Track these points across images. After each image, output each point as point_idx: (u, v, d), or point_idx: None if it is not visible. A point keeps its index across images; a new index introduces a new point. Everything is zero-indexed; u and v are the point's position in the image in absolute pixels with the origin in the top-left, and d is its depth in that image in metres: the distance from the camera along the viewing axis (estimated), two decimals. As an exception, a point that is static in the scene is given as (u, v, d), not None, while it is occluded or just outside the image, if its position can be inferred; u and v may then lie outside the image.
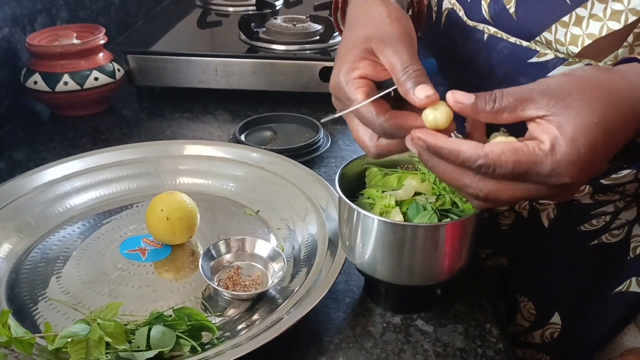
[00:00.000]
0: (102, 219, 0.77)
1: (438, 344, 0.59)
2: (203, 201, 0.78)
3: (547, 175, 0.44)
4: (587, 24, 0.55)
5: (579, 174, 0.44)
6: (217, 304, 0.64)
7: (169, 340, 0.54)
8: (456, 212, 0.59)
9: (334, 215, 0.70)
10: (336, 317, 0.62)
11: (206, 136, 1.01)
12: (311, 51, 1.11)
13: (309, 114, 1.05)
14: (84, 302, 0.63)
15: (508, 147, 0.44)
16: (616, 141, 0.46)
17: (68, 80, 1.01)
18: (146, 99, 1.14)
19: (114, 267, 0.69)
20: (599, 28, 0.55)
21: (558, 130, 0.44)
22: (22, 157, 0.93)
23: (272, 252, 0.68)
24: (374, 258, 0.58)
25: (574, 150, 0.44)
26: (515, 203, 0.45)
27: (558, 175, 0.44)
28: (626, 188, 0.67)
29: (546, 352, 0.76)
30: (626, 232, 0.70)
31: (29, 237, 0.72)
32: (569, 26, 0.56)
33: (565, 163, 0.44)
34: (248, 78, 1.08)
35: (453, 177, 0.47)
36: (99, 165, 0.82)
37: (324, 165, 0.91)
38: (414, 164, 0.65)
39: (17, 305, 0.63)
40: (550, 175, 0.44)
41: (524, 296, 0.77)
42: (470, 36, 0.64)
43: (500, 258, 0.80)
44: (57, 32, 1.06)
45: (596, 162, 0.45)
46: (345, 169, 0.63)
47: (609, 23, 0.54)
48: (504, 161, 0.44)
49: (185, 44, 1.19)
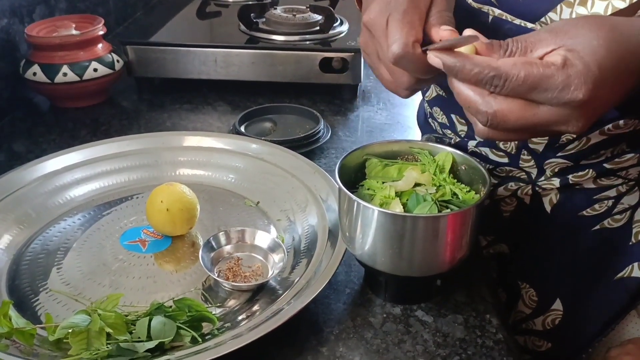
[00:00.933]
0: (102, 210, 0.77)
1: (438, 335, 0.59)
2: (203, 192, 0.78)
3: (557, 89, 0.45)
4: (592, 4, 0.55)
5: (591, 90, 0.44)
6: (217, 295, 0.64)
7: (169, 330, 0.55)
8: (456, 203, 0.59)
9: (334, 207, 0.70)
10: (336, 307, 0.62)
11: (206, 127, 1.00)
12: (311, 42, 1.11)
13: (309, 105, 1.04)
14: (85, 293, 0.63)
15: (520, 60, 0.45)
16: (625, 66, 0.46)
17: (67, 72, 1.00)
18: (146, 90, 1.14)
19: (115, 258, 0.69)
20: (604, 7, 0.55)
21: (568, 52, 0.45)
22: (22, 149, 0.93)
23: (272, 243, 0.68)
24: (374, 249, 0.58)
25: (584, 65, 0.44)
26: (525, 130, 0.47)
27: (569, 88, 0.44)
28: (629, 172, 0.67)
29: (547, 339, 0.77)
30: (628, 217, 0.70)
31: (30, 228, 0.72)
32: (574, 6, 0.56)
33: (575, 75, 0.44)
34: (248, 69, 1.08)
35: (465, 93, 0.48)
36: (98, 156, 0.82)
37: (324, 157, 0.91)
38: (414, 155, 0.65)
39: (18, 296, 0.63)
40: (562, 88, 0.44)
41: (526, 283, 0.77)
42: (475, 18, 0.64)
43: (501, 245, 0.80)
44: (55, 23, 1.05)
45: (607, 82, 0.45)
46: (345, 160, 0.63)
47: (614, 2, 0.54)
48: (515, 72, 0.45)
49: (184, 35, 1.18)
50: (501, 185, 0.74)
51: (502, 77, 0.45)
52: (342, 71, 1.06)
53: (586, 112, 0.46)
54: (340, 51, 1.06)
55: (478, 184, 0.61)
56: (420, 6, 0.52)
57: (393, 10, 0.52)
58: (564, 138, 0.65)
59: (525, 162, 0.70)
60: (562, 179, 0.69)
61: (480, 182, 0.60)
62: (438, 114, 0.78)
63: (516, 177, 0.73)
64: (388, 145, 0.66)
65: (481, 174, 0.60)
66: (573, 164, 0.68)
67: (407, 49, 0.50)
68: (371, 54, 0.56)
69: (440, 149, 0.64)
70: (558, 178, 0.69)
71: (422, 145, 0.65)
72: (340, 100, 1.10)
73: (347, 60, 1.05)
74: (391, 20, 0.52)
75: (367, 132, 1.00)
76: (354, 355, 0.57)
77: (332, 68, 1.06)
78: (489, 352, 0.57)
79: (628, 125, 0.63)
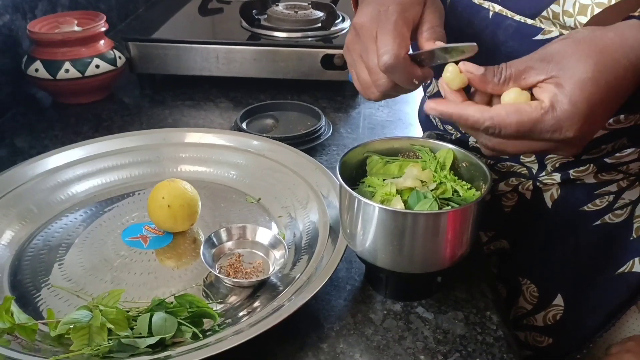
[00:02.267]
0: (104, 206, 0.77)
1: (438, 331, 0.59)
2: (204, 189, 0.78)
3: (549, 132, 0.48)
4: None
5: (581, 127, 0.47)
6: (218, 291, 0.64)
7: (170, 326, 0.55)
8: (457, 200, 0.59)
9: (335, 203, 0.70)
10: (337, 304, 0.63)
11: (207, 124, 1.01)
12: (313, 38, 1.10)
13: (311, 101, 1.04)
14: (86, 289, 0.64)
15: (512, 108, 0.48)
16: (615, 93, 0.48)
17: (69, 68, 1.00)
18: (147, 86, 1.14)
19: (116, 254, 0.69)
20: None
21: (557, 89, 0.47)
22: (24, 145, 0.93)
23: (273, 239, 0.68)
24: (375, 246, 0.58)
25: (572, 105, 0.47)
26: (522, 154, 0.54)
27: (560, 131, 0.48)
28: (630, 167, 0.68)
29: (548, 334, 0.77)
30: (629, 212, 0.70)
31: (31, 224, 0.73)
32: None
33: (565, 118, 0.47)
34: (249, 65, 1.08)
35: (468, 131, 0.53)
36: (100, 152, 0.82)
37: (326, 153, 0.91)
38: (415, 152, 0.65)
39: (20, 292, 0.63)
40: (552, 131, 0.48)
41: (527, 278, 0.77)
42: (476, 14, 0.64)
43: (502, 241, 0.80)
44: (57, 19, 1.06)
45: (596, 115, 0.48)
46: (347, 157, 0.63)
47: None
48: (507, 122, 0.48)
49: (186, 31, 1.18)
50: (502, 180, 0.74)
51: (496, 127, 0.49)
52: (344, 68, 1.06)
53: (579, 141, 0.49)
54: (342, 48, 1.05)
55: (479, 180, 0.61)
56: (409, 19, 0.56)
57: (384, 20, 0.55)
58: None
59: (526, 158, 0.70)
60: (563, 174, 0.69)
61: (481, 178, 0.60)
62: (439, 110, 0.78)
63: (517, 173, 0.73)
64: (389, 142, 0.66)
65: (482, 171, 0.60)
66: (574, 159, 0.68)
67: (399, 60, 0.54)
68: (354, 51, 0.60)
69: (441, 146, 0.64)
70: (559, 173, 0.69)
71: (423, 142, 0.65)
72: (341, 97, 1.10)
73: (348, 57, 1.05)
74: (382, 30, 0.55)
75: (369, 129, 1.00)
76: (355, 352, 0.57)
77: (334, 65, 1.06)
78: (489, 348, 0.57)
79: (629, 120, 0.63)
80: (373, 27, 0.56)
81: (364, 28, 0.57)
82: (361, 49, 0.58)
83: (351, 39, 0.60)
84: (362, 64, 0.59)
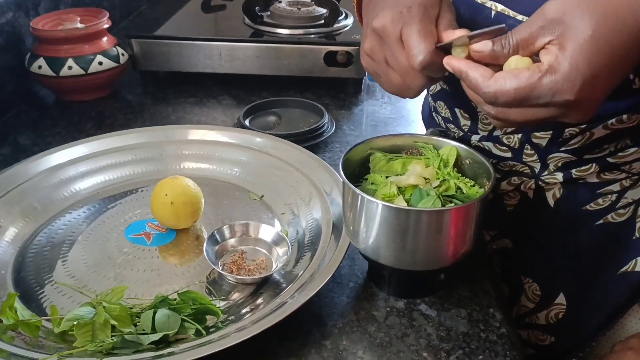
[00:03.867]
0: (107, 203, 0.77)
1: (441, 329, 0.59)
2: (207, 186, 0.79)
3: (548, 95, 0.47)
4: None
5: (581, 89, 0.46)
6: (221, 288, 0.64)
7: (173, 323, 0.55)
8: (460, 198, 0.59)
9: (338, 200, 0.70)
10: (340, 301, 0.63)
11: (210, 121, 1.01)
12: (316, 35, 1.10)
13: (314, 98, 1.04)
14: (90, 286, 0.64)
15: (509, 74, 0.48)
16: (620, 56, 0.46)
17: (72, 65, 1.00)
18: (150, 83, 1.14)
19: (119, 251, 0.69)
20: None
21: (559, 51, 0.46)
22: (27, 142, 0.93)
23: (276, 236, 0.68)
24: (378, 243, 0.58)
25: (571, 67, 0.46)
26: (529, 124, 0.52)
27: (559, 93, 0.46)
28: (632, 166, 0.67)
29: (551, 333, 0.77)
30: (632, 212, 0.70)
31: (35, 221, 0.73)
32: None
33: (563, 80, 0.46)
34: (252, 62, 1.08)
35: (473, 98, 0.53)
36: (103, 149, 0.82)
37: (329, 150, 0.91)
38: (418, 149, 0.65)
39: (24, 288, 0.63)
40: (551, 95, 0.47)
41: (529, 277, 0.77)
42: (478, 13, 0.64)
43: (504, 240, 0.80)
44: (61, 16, 1.06)
45: (599, 77, 0.46)
46: (350, 154, 0.63)
47: None
48: (504, 90, 0.48)
49: (189, 28, 1.18)
50: (504, 179, 0.74)
51: (493, 95, 0.49)
52: (347, 65, 1.06)
53: (584, 105, 0.48)
54: (345, 45, 1.06)
55: (482, 178, 0.61)
56: (432, 16, 0.56)
57: (409, 20, 0.55)
58: (568, 133, 0.64)
59: (528, 157, 0.69)
60: (566, 173, 0.69)
61: (485, 176, 0.60)
62: (442, 107, 0.78)
63: (519, 172, 0.72)
64: (392, 139, 0.66)
65: (485, 168, 0.60)
66: (576, 159, 0.67)
67: (434, 57, 0.54)
68: (379, 59, 0.59)
69: (444, 143, 0.64)
70: (561, 172, 0.69)
71: (426, 139, 0.65)
72: (344, 94, 1.10)
73: (351, 53, 1.05)
74: (409, 30, 0.55)
75: (372, 126, 1.00)
76: (357, 349, 0.57)
77: (337, 62, 1.06)
78: (492, 346, 0.57)
79: (632, 119, 0.62)
80: (397, 29, 0.55)
81: (386, 32, 0.56)
82: (387, 54, 0.57)
83: (371, 46, 0.59)
84: (390, 69, 0.58)
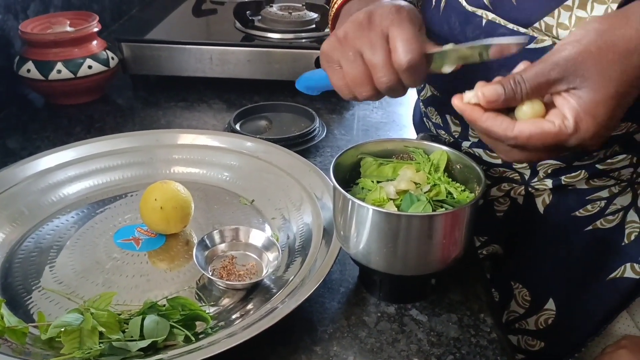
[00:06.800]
0: (95, 208, 0.77)
1: (432, 334, 0.59)
2: (197, 190, 0.78)
3: (572, 147, 0.49)
4: (592, 7, 0.56)
5: (599, 139, 0.49)
6: (211, 293, 0.64)
7: (162, 329, 0.54)
8: (451, 203, 0.59)
9: (329, 205, 0.70)
10: (330, 306, 0.62)
11: (201, 125, 1.00)
12: (307, 40, 1.10)
13: (305, 103, 1.04)
14: (78, 292, 0.63)
15: (536, 129, 0.48)
16: (631, 97, 0.48)
17: (61, 69, 1.00)
18: (141, 87, 1.13)
19: (108, 256, 0.68)
20: (603, 10, 0.55)
21: (579, 105, 0.47)
22: (16, 146, 0.93)
23: (266, 241, 0.68)
24: (369, 248, 0.58)
25: (596, 125, 0.47)
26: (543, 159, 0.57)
27: (582, 147, 0.49)
28: (621, 173, 0.68)
29: (541, 338, 0.77)
30: (621, 218, 0.70)
31: (22, 226, 0.72)
32: (573, 9, 0.56)
33: (589, 137, 0.48)
34: (243, 67, 1.08)
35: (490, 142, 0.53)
36: (92, 154, 0.82)
37: (319, 155, 0.91)
38: (409, 153, 0.65)
39: (11, 294, 0.63)
40: (575, 146, 0.49)
41: (519, 283, 0.77)
42: (469, 21, 0.64)
43: (494, 246, 0.80)
44: (50, 19, 1.05)
45: (614, 123, 0.49)
46: (341, 158, 0.62)
47: (613, 5, 0.54)
48: (532, 143, 0.49)
49: (180, 32, 1.18)
50: (494, 185, 0.74)
51: (521, 145, 0.49)
52: (338, 69, 1.06)
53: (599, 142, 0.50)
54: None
55: (473, 182, 0.61)
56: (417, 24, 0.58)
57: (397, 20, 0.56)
58: None
59: (518, 164, 0.70)
60: (555, 180, 0.69)
61: (475, 181, 0.60)
62: (432, 113, 0.78)
63: (509, 178, 0.73)
64: (383, 143, 0.66)
65: (476, 173, 0.60)
66: (566, 165, 0.68)
67: (422, 59, 0.55)
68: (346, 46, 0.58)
69: (435, 148, 0.64)
70: (551, 179, 0.69)
71: (417, 144, 0.65)
72: (336, 98, 1.10)
73: (342, 58, 1.05)
74: (398, 29, 0.55)
75: (363, 131, 1.00)
76: (348, 355, 0.56)
77: (328, 66, 1.06)
78: (482, 351, 0.57)
79: (621, 127, 0.63)
80: (383, 24, 0.55)
81: (373, 22, 0.56)
82: (364, 44, 0.56)
83: (347, 33, 0.58)
84: (357, 60, 0.57)
